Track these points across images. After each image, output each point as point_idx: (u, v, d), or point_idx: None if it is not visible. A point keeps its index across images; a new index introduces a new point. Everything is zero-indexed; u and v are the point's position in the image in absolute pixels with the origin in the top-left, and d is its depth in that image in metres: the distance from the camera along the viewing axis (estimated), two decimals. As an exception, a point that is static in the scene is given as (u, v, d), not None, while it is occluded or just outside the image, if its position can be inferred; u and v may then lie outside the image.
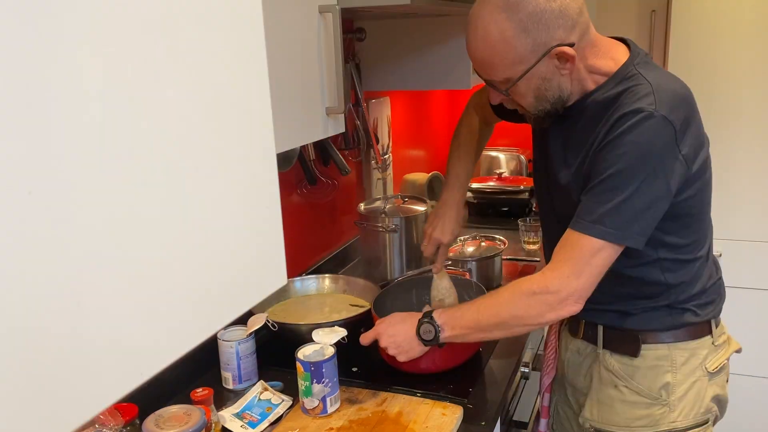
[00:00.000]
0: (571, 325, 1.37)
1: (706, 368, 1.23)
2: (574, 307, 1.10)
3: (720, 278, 1.30)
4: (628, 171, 1.05)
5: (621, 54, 1.15)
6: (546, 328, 2.06)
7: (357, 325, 1.45)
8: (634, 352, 1.23)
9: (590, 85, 1.14)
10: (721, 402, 1.28)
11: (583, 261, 1.08)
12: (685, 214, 1.15)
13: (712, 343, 1.24)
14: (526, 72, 1.09)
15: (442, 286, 1.49)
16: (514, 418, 1.57)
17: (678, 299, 1.21)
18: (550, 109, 1.16)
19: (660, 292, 1.21)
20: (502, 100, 1.18)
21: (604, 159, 1.07)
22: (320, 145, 1.86)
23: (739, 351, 1.33)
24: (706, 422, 1.26)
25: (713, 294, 1.26)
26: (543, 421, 1.47)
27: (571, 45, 1.07)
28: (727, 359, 1.29)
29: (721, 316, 1.29)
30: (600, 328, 1.27)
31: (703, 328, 1.24)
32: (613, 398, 1.26)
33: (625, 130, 1.05)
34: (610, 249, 1.08)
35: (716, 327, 1.26)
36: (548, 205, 1.30)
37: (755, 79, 2.30)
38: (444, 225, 1.46)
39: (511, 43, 1.06)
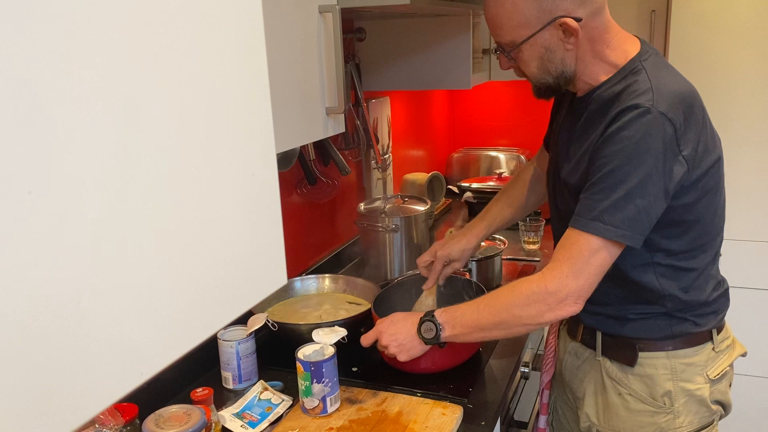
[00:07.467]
0: (570, 326, 1.37)
1: (707, 375, 1.22)
2: (574, 308, 1.09)
3: (726, 290, 1.27)
4: (626, 167, 1.04)
5: (633, 48, 1.15)
6: (546, 328, 2.07)
7: (357, 325, 1.45)
8: (630, 362, 1.22)
9: (600, 75, 1.15)
10: (724, 405, 1.27)
11: (582, 260, 1.08)
12: (682, 220, 1.14)
13: (713, 349, 1.23)
14: (530, 37, 1.12)
15: (426, 304, 1.50)
16: (514, 418, 1.57)
17: (675, 308, 1.19)
18: (552, 83, 1.17)
19: (655, 299, 1.19)
20: (510, 66, 1.21)
21: (602, 155, 1.07)
22: (320, 145, 1.86)
23: (744, 355, 1.30)
24: (712, 423, 1.25)
25: (716, 305, 1.23)
26: (542, 418, 1.47)
27: (578, 20, 1.08)
28: (730, 365, 1.26)
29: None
30: (599, 335, 1.27)
31: (703, 336, 1.22)
32: (618, 405, 1.25)
33: (621, 125, 1.05)
34: (609, 248, 1.07)
35: (718, 334, 1.24)
36: (552, 202, 1.30)
37: (754, 79, 2.30)
38: (448, 242, 1.49)
39: (517, 5, 1.10)
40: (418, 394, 1.29)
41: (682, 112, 1.06)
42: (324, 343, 1.27)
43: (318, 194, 1.92)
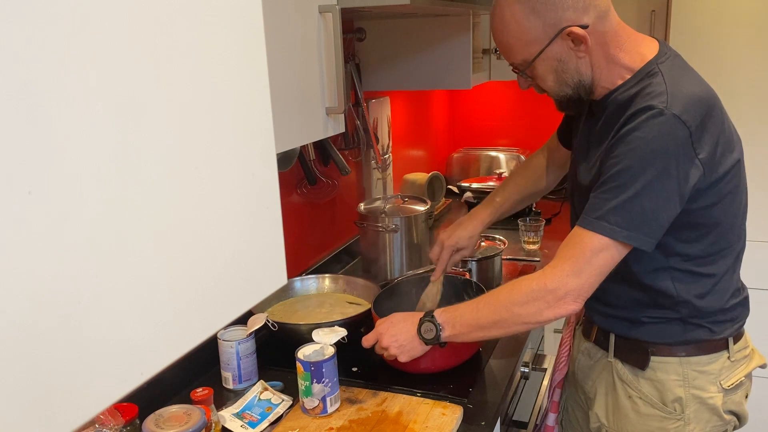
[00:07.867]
0: (585, 326, 1.36)
1: (721, 384, 1.20)
2: (572, 306, 1.08)
3: (745, 298, 1.25)
4: (636, 168, 1.03)
5: (650, 51, 1.14)
6: (550, 326, 2.07)
7: (357, 325, 1.45)
8: (642, 365, 1.21)
9: (617, 79, 1.14)
10: (739, 416, 1.25)
11: (584, 259, 1.07)
12: (701, 224, 1.12)
13: (728, 358, 1.21)
14: (540, 53, 1.12)
15: (431, 293, 1.51)
16: (514, 418, 1.57)
17: (690, 314, 1.17)
18: (572, 94, 1.16)
19: (671, 304, 1.17)
20: (529, 85, 1.21)
21: (613, 156, 1.07)
22: (320, 145, 1.86)
23: (763, 366, 1.28)
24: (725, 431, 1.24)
25: (733, 313, 1.21)
26: (552, 416, 1.46)
27: (585, 27, 1.08)
28: (747, 376, 1.24)
29: None
30: (612, 336, 1.26)
31: (719, 345, 1.20)
32: (628, 408, 1.25)
33: (634, 126, 1.05)
34: (614, 248, 1.06)
35: (734, 343, 1.21)
36: (571, 204, 1.30)
37: (755, 79, 2.30)
38: (454, 230, 1.49)
39: (522, 24, 1.11)
40: (418, 394, 1.29)
41: (699, 115, 1.05)
42: (324, 343, 1.27)
43: (318, 194, 1.92)
